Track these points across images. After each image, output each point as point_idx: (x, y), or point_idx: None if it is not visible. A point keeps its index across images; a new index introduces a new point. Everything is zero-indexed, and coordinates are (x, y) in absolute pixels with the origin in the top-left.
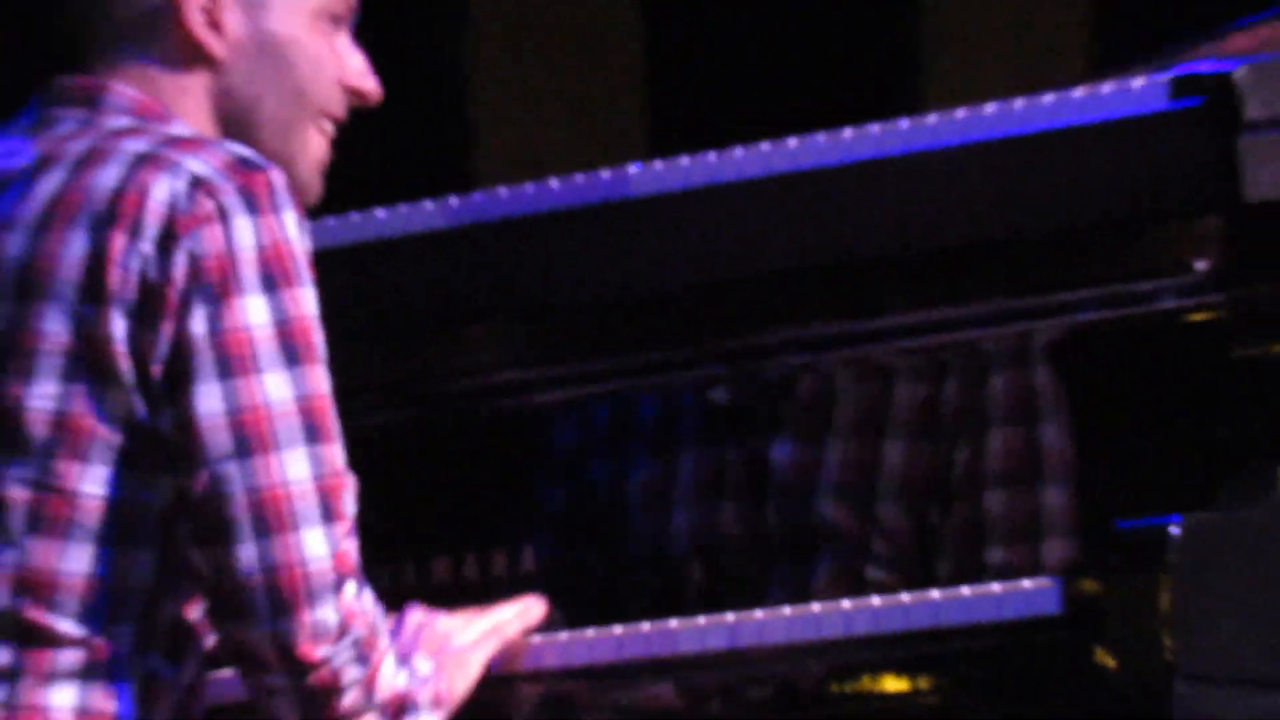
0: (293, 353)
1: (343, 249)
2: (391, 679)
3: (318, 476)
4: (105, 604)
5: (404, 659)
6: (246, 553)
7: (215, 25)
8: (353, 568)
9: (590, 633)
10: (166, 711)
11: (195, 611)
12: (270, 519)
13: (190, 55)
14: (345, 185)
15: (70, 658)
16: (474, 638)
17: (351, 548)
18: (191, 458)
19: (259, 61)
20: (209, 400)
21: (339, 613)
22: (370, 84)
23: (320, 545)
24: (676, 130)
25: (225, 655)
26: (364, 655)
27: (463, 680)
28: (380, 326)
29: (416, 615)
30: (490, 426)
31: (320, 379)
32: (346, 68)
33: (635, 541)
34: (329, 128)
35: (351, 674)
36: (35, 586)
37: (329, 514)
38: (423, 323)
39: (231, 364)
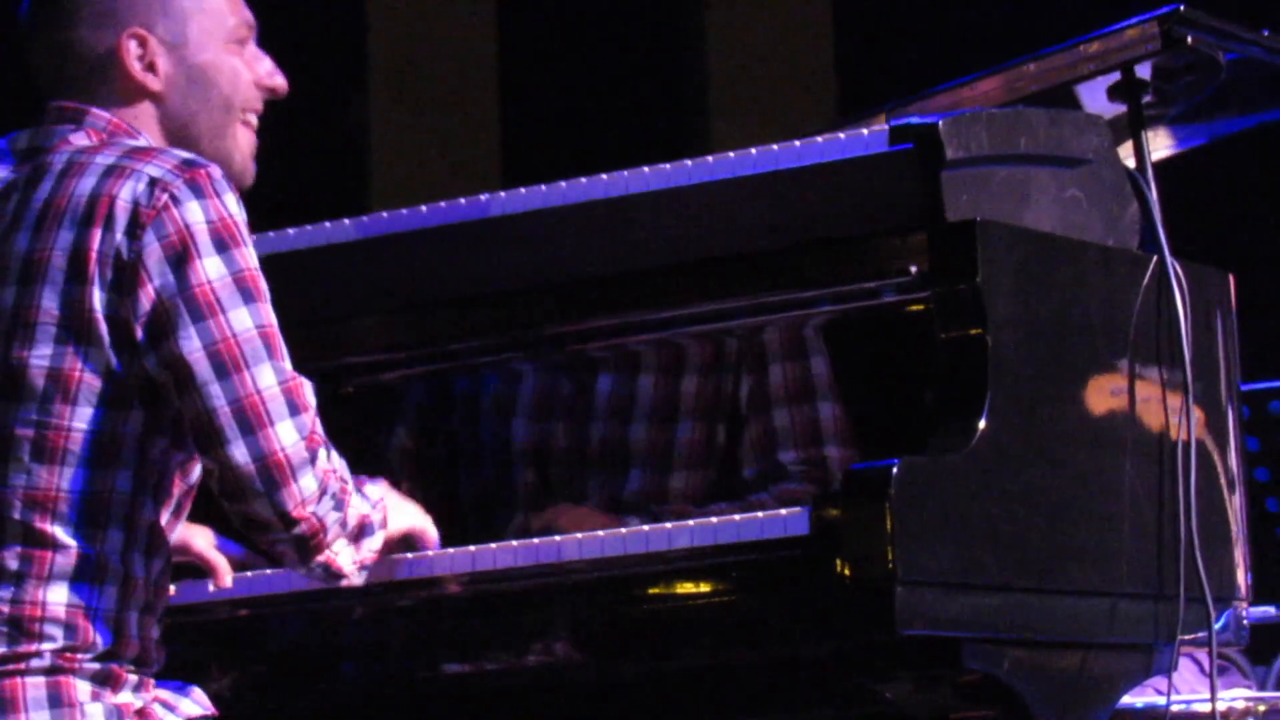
0: (247, 294)
1: (269, 257)
2: (357, 507)
3: (282, 381)
4: (95, 513)
5: (358, 488)
6: (239, 449)
7: (150, 67)
8: (321, 441)
9: (450, 550)
10: (139, 603)
11: (165, 517)
12: (252, 420)
13: (136, 91)
14: (270, 208)
15: (65, 560)
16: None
17: (318, 427)
18: (182, 388)
19: (189, 87)
20: (188, 340)
21: (317, 478)
22: (279, 81)
23: (292, 433)
24: (522, 167)
25: (239, 525)
26: (340, 502)
27: (399, 518)
28: (293, 316)
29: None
30: (375, 393)
31: (270, 312)
32: (258, 72)
33: (483, 480)
34: (253, 120)
35: (333, 518)
36: (41, 501)
37: (295, 408)
38: (325, 312)
39: (201, 309)
